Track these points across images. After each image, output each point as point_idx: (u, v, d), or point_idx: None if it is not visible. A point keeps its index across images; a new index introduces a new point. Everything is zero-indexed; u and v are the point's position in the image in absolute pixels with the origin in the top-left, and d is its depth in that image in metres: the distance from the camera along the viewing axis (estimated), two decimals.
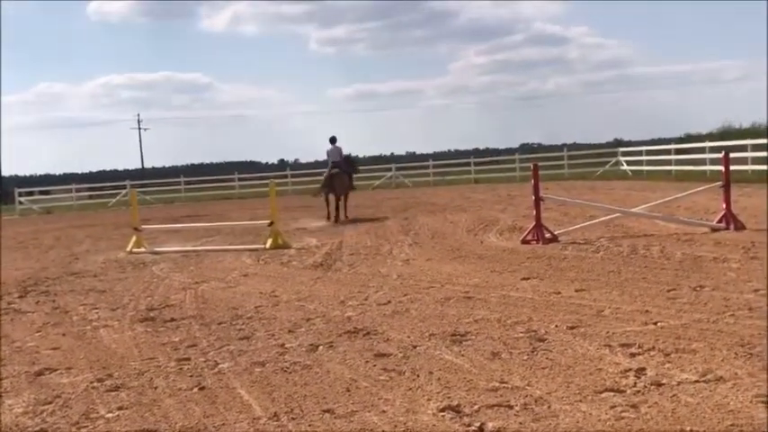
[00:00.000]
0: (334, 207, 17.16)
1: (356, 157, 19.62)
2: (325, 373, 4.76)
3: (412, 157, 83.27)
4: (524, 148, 73.31)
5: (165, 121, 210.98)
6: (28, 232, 21.13)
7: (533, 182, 10.91)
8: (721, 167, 11.60)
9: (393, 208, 20.56)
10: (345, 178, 17.41)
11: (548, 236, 10.51)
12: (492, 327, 5.69)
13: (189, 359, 5.32)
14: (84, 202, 39.69)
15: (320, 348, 5.40)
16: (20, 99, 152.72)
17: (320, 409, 4.05)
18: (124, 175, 62.50)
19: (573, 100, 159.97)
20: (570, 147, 46.87)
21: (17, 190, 37.95)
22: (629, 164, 32.27)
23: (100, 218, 26.82)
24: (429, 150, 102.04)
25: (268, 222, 12.71)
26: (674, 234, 10.50)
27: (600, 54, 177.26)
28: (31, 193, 41.33)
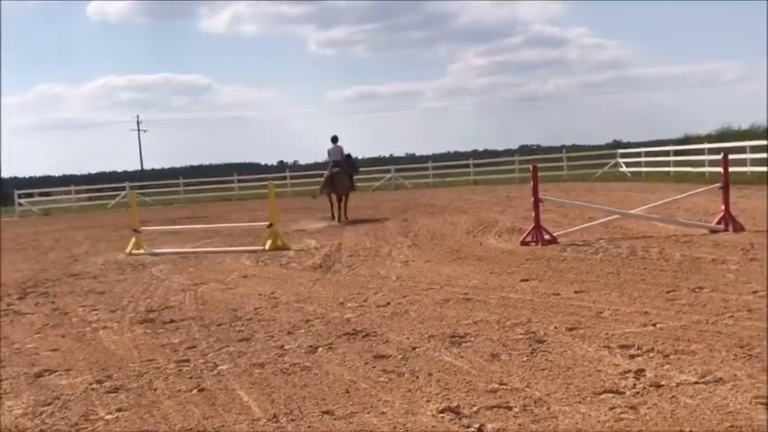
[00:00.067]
0: (337, 207, 17.18)
1: (356, 158, 19.59)
2: (325, 374, 4.76)
3: (411, 158, 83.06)
4: (523, 149, 73.19)
5: (165, 122, 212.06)
6: (27, 234, 21.13)
7: (532, 183, 10.90)
8: (720, 169, 11.63)
9: (392, 209, 20.57)
10: (346, 178, 17.42)
11: (547, 237, 10.51)
12: (491, 328, 5.69)
13: (188, 361, 5.32)
14: (84, 203, 39.75)
15: (319, 350, 5.40)
16: (19, 100, 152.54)
17: (319, 410, 4.05)
18: (123, 176, 62.48)
19: (572, 101, 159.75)
20: (569, 148, 46.83)
21: (17, 192, 37.98)
22: (627, 165, 32.33)
23: (99, 219, 26.81)
24: (428, 152, 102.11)
25: (267, 224, 12.71)
26: (673, 235, 10.51)
27: (599, 55, 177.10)
28: (30, 195, 41.34)
